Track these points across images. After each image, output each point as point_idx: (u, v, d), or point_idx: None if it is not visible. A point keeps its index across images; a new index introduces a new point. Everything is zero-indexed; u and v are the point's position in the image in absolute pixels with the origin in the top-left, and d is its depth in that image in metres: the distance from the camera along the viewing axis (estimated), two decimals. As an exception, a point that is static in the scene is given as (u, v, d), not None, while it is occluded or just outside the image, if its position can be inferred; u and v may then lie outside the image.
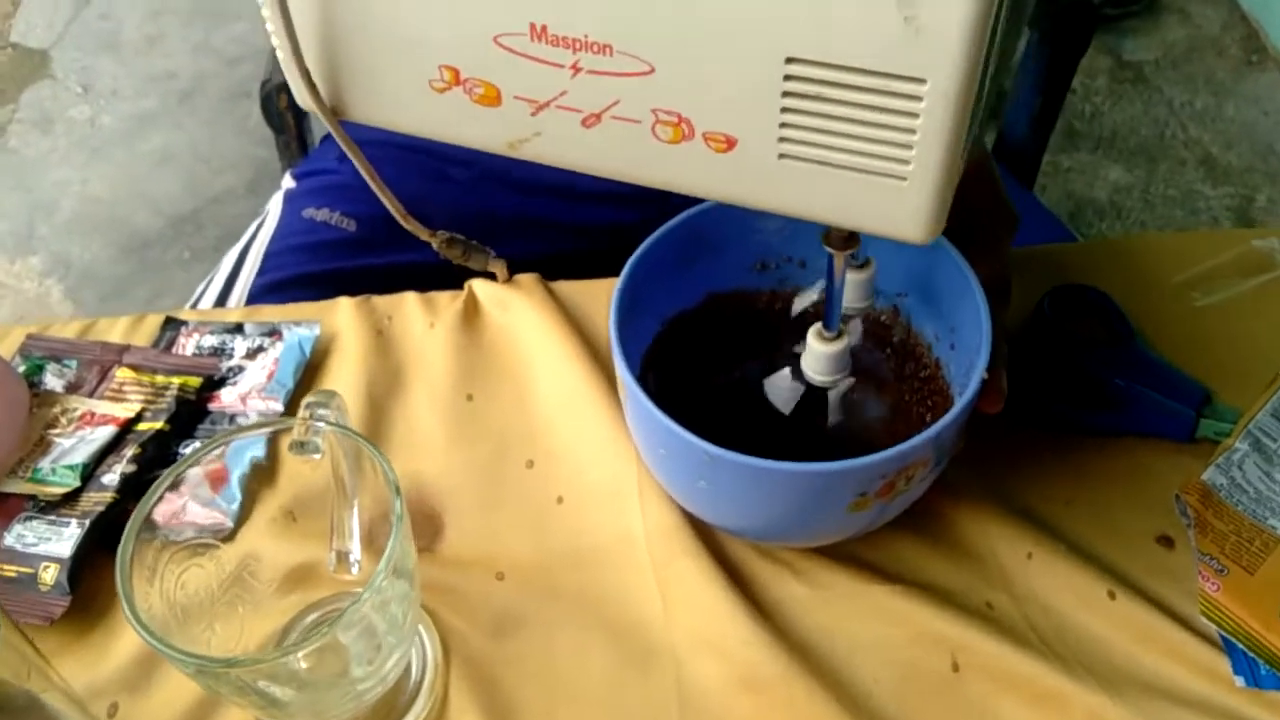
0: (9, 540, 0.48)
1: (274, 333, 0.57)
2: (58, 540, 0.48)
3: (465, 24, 0.31)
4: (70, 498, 0.49)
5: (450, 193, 0.79)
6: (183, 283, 1.55)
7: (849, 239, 0.37)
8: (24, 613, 0.46)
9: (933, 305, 0.48)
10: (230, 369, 0.56)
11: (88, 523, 0.48)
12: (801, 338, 0.48)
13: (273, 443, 0.49)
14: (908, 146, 0.29)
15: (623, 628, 0.46)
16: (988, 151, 0.51)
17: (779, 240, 0.50)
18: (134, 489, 0.50)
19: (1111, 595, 0.46)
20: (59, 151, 1.76)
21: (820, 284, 0.45)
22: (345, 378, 0.55)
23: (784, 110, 0.30)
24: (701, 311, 0.51)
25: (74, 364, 0.56)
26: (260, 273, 0.75)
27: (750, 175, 0.32)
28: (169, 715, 0.44)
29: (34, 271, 1.59)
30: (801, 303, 0.48)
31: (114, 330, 0.59)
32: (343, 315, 0.58)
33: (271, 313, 0.60)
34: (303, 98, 0.36)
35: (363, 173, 0.43)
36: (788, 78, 0.29)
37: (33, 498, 0.49)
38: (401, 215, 0.47)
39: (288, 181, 0.85)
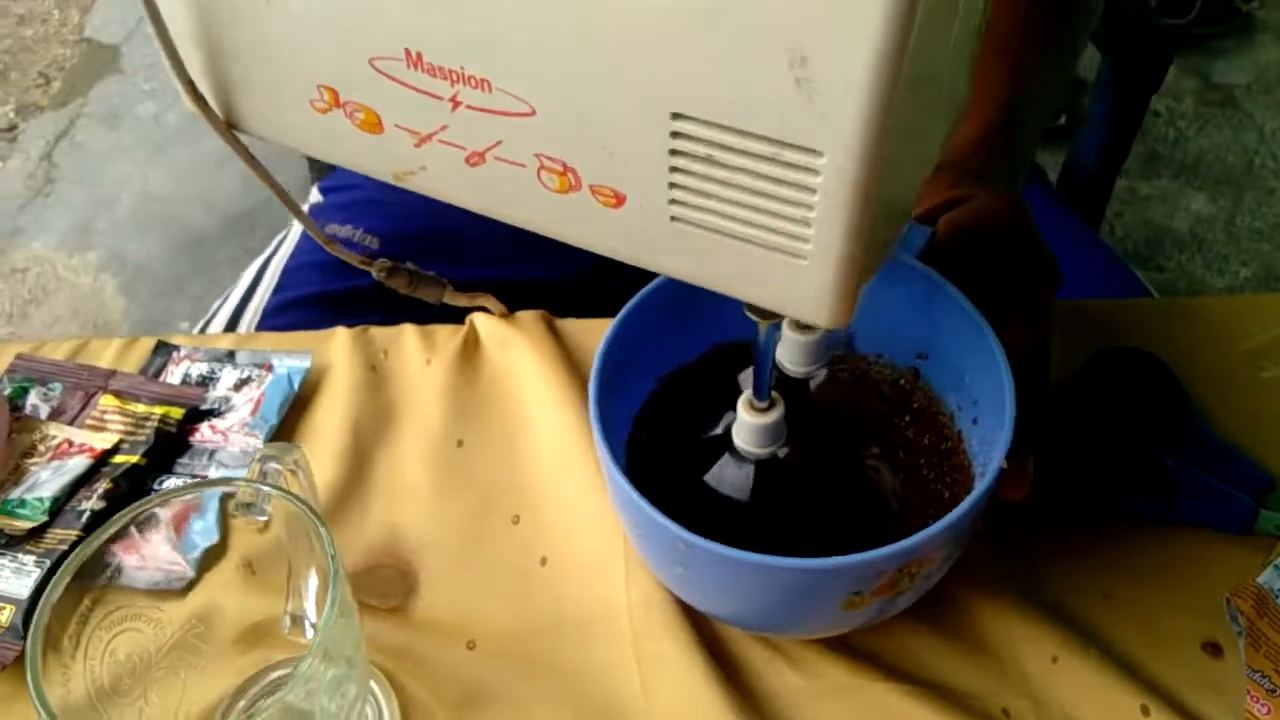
0: (-30, 576, 0.46)
1: (265, 364, 0.55)
2: (17, 579, 0.46)
3: (339, 43, 0.29)
4: (36, 533, 0.47)
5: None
6: (233, 281, 1.56)
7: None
8: (-23, 655, 0.44)
9: (954, 374, 0.44)
10: (216, 400, 0.53)
11: (48, 563, 0.46)
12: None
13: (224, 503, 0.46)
14: (805, 224, 0.26)
15: (598, 710, 0.42)
16: (1021, 202, 0.46)
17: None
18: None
19: (1145, 710, 0.40)
20: (123, 148, 1.79)
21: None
22: (332, 416, 0.53)
23: (673, 170, 0.27)
24: (703, 366, 0.47)
25: (59, 388, 0.54)
26: (277, 289, 0.73)
27: (642, 235, 0.29)
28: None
29: (90, 266, 1.61)
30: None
31: (106, 352, 0.57)
32: (338, 347, 0.56)
33: (266, 341, 0.57)
34: (187, 104, 0.33)
35: (258, 177, 0.40)
36: (674, 134, 0.26)
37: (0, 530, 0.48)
38: (324, 241, 0.44)
39: (314, 195, 0.83)
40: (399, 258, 0.76)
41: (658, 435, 0.45)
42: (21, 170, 1.78)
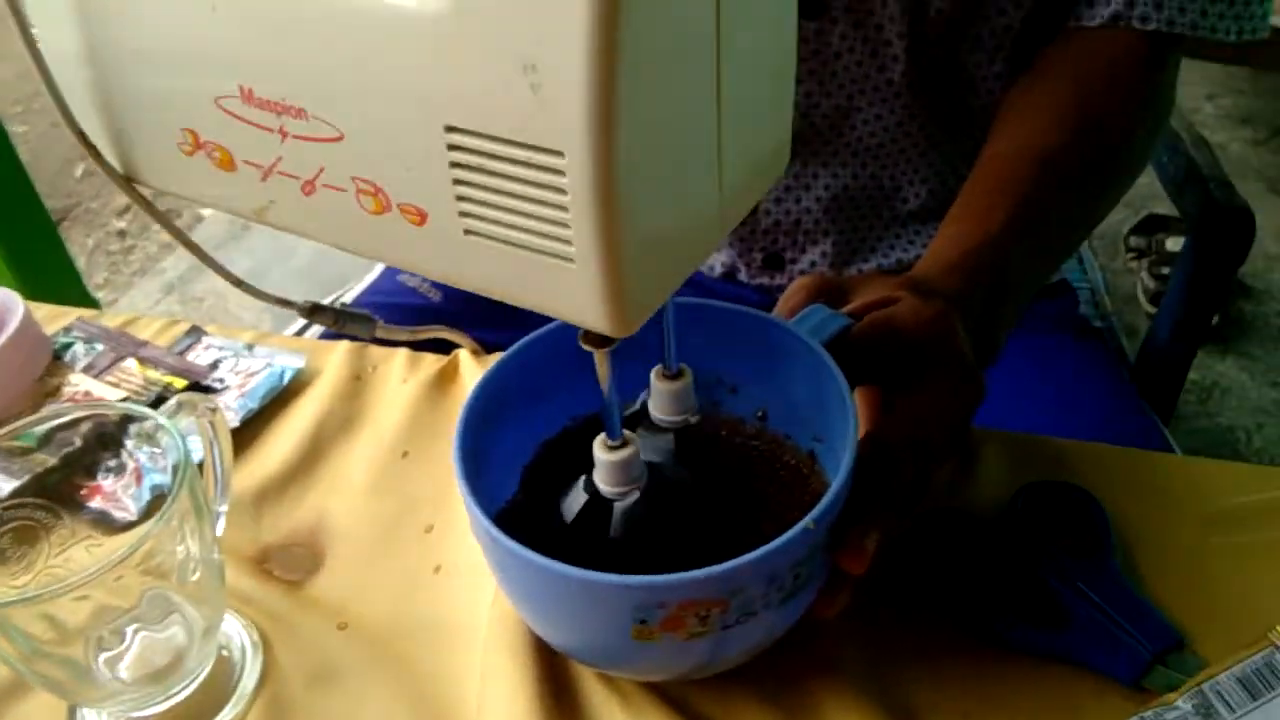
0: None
1: (270, 359, 0.61)
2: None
3: (189, 86, 0.33)
4: (26, 452, 0.54)
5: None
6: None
7: (603, 337, 0.35)
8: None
9: (837, 459, 0.44)
10: (216, 379, 0.60)
11: (26, 479, 0.52)
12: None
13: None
14: (564, 225, 0.28)
15: (431, 711, 0.44)
16: (949, 315, 0.46)
17: (709, 355, 0.48)
18: (74, 461, 0.54)
19: (959, 834, 0.38)
20: (314, 210, 1.99)
21: (643, 395, 0.43)
22: (304, 411, 0.58)
23: (456, 183, 0.29)
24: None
25: (99, 348, 0.62)
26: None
27: (443, 251, 0.31)
28: None
29: (257, 305, 1.77)
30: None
31: (150, 328, 0.64)
32: (334, 356, 0.61)
33: (280, 341, 0.64)
34: (91, 161, 0.38)
35: (158, 222, 0.44)
36: (451, 147, 0.29)
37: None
38: (237, 282, 0.48)
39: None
40: (458, 314, 0.82)
41: (557, 469, 0.47)
42: (225, 218, 2.00)
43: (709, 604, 0.36)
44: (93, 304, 1.57)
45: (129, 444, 0.46)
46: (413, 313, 0.79)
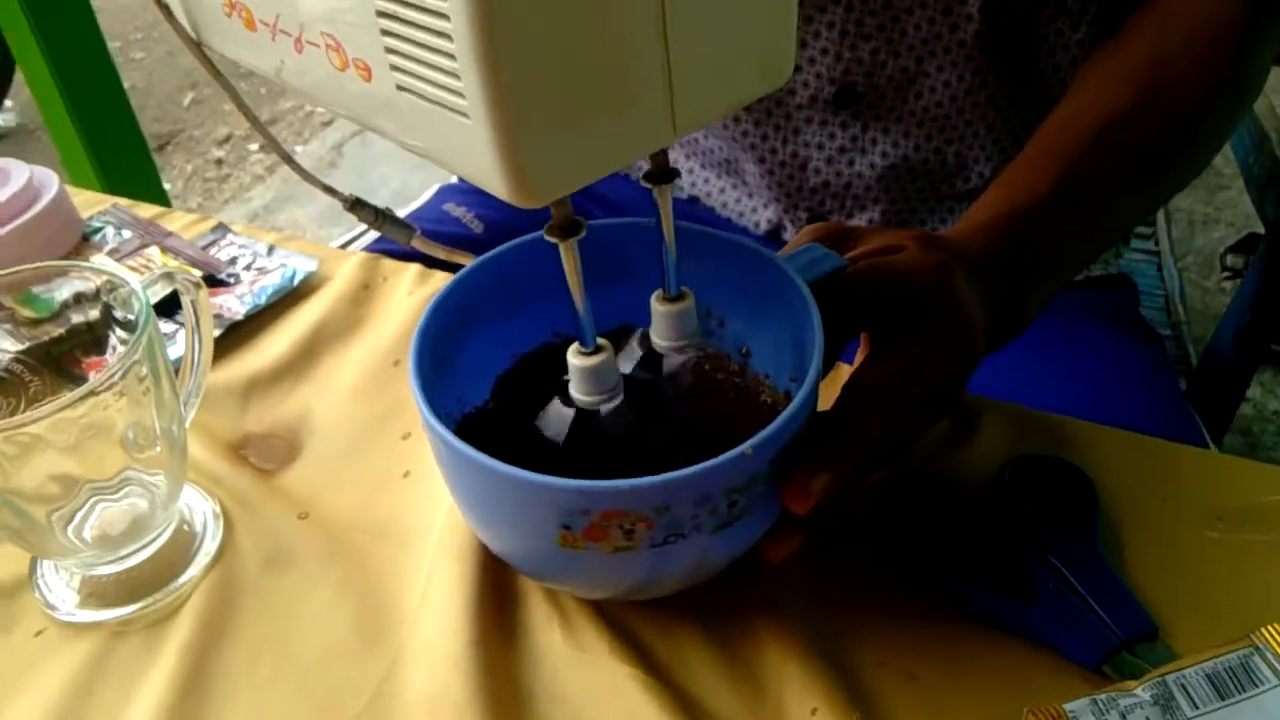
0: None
1: (285, 261, 0.61)
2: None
3: None
4: (36, 323, 0.56)
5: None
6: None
7: (566, 226, 0.34)
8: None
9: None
10: (230, 274, 0.61)
11: (27, 344, 0.54)
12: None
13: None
14: (455, 75, 0.27)
15: (374, 607, 0.44)
16: (950, 267, 0.44)
17: (699, 285, 0.47)
18: (79, 335, 0.55)
19: (878, 791, 0.37)
20: (397, 156, 2.02)
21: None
22: (308, 313, 0.58)
23: (384, 34, 0.29)
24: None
25: (127, 235, 0.64)
26: (379, 240, 0.81)
27: (387, 109, 0.31)
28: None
29: (333, 238, 1.81)
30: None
31: (180, 221, 0.66)
32: (348, 264, 0.62)
33: (299, 245, 0.64)
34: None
35: (224, 89, 0.45)
36: None
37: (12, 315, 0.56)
38: (297, 168, 0.49)
39: (452, 178, 0.92)
40: (495, 245, 0.82)
41: (533, 381, 0.47)
42: (314, 153, 2.05)
43: (633, 517, 0.35)
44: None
45: (118, 317, 0.47)
46: (451, 241, 0.80)
